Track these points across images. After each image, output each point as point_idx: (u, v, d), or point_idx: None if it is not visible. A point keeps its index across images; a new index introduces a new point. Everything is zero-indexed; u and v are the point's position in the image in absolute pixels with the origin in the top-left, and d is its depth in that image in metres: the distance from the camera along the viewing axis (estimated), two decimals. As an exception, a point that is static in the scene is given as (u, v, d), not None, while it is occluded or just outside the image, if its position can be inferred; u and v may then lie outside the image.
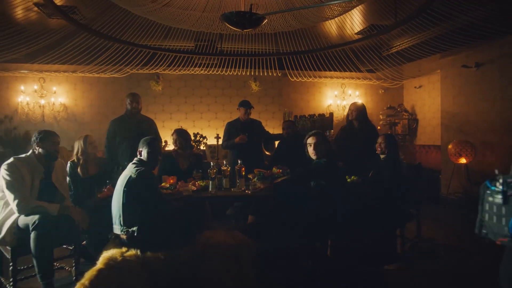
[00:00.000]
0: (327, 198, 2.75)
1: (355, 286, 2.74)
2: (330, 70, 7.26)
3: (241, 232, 2.73)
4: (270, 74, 6.93)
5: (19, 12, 4.58)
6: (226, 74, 6.87)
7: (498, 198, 1.33)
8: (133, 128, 4.06)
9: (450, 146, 5.57)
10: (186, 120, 7.14)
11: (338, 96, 8.07)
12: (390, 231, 3.39)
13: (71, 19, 3.93)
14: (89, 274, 2.25)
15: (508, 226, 1.29)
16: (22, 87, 6.64)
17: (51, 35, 4.61)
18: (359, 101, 6.92)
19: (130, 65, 6.04)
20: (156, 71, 6.54)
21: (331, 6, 4.07)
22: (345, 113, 4.53)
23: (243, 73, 6.92)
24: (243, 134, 4.10)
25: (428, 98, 7.65)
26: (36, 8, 4.45)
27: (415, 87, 7.96)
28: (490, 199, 1.36)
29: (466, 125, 5.77)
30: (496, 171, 1.42)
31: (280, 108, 7.60)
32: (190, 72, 6.82)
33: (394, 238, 3.33)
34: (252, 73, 7.02)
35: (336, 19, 4.89)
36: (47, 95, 6.78)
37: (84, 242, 3.41)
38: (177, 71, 6.56)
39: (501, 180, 1.36)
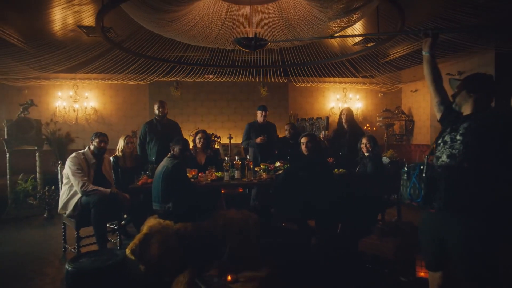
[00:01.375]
0: (313, 186, 3.53)
1: (334, 252, 3.53)
2: (332, 76, 8.01)
3: (248, 211, 3.54)
4: (276, 80, 7.72)
5: (58, 30, 5.43)
6: (238, 81, 7.69)
7: (404, 176, 2.10)
8: (160, 130, 4.90)
9: (434, 146, 6.26)
10: (202, 122, 7.98)
11: (340, 99, 8.80)
12: (372, 214, 4.15)
13: (109, 39, 4.76)
14: (138, 237, 3.09)
15: (407, 193, 2.05)
16: (59, 93, 7.58)
17: (91, 50, 5.48)
18: (348, 106, 7.65)
19: (154, 74, 6.91)
20: (175, 79, 7.40)
21: (330, 24, 4.83)
22: (341, 116, 5.28)
23: (253, 80, 7.72)
24: (263, 135, 4.90)
25: (423, 101, 8.33)
26: (77, 28, 5.33)
27: (411, 90, 8.64)
28: (402, 177, 2.12)
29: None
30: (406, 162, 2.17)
31: (287, 111, 8.39)
32: (205, 79, 7.66)
33: (375, 220, 4.08)
34: (261, 80, 7.82)
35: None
36: (80, 100, 7.71)
37: (123, 222, 4.28)
38: (194, 78, 7.41)
39: (406, 165, 2.13)
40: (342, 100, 8.80)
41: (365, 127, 8.38)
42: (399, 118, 8.76)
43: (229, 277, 2.98)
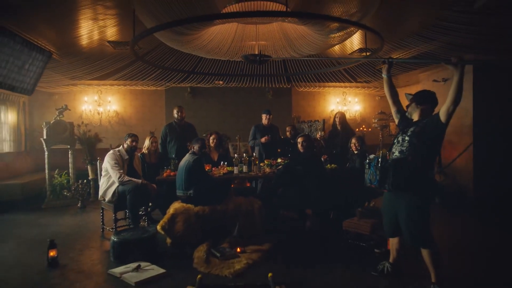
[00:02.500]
0: (308, 178, 4.29)
1: (324, 232, 4.29)
2: (332, 81, 8.73)
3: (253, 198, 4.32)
4: (281, 86, 8.49)
5: (87, 43, 6.21)
6: (245, 86, 8.47)
7: (366, 166, 2.85)
8: (179, 131, 5.70)
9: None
10: (213, 123, 8.75)
11: (340, 102, 9.53)
12: (359, 203, 4.89)
13: (140, 57, 5.54)
14: (165, 217, 3.90)
15: (367, 178, 2.81)
16: (86, 98, 8.46)
17: (118, 61, 6.31)
18: (341, 110, 8.41)
19: (170, 81, 7.73)
20: (189, 85, 8.22)
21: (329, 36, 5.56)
22: (335, 119, 6.04)
23: (259, 86, 8.50)
24: (267, 136, 5.68)
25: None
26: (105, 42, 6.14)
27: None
28: (365, 166, 2.87)
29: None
30: (369, 156, 2.92)
31: (290, 113, 9.14)
32: (216, 85, 8.45)
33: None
34: (266, 85, 8.60)
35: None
36: (103, 104, 8.58)
37: (149, 209, 5.08)
38: (206, 85, 8.22)
39: (368, 158, 2.88)
40: (342, 103, 9.52)
41: (362, 128, 9.08)
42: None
43: (238, 249, 3.78)
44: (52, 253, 3.54)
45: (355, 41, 6.11)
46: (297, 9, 4.85)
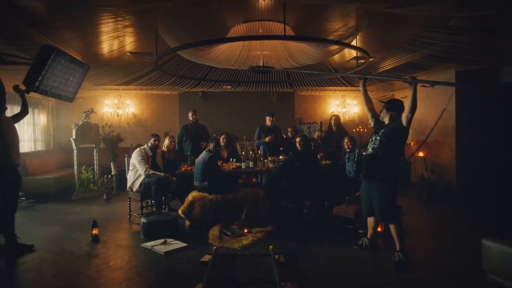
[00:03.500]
0: (305, 172, 5.06)
1: (318, 217, 5.05)
2: (332, 86, 9.48)
3: (258, 189, 5.10)
4: (284, 90, 9.26)
5: (106, 52, 7.01)
6: (251, 91, 9.25)
7: (347, 160, 3.61)
8: (193, 132, 6.50)
9: (412, 144, 7.71)
10: (222, 124, 9.53)
11: (339, 105, 10.26)
12: (348, 194, 5.63)
13: (160, 67, 6.36)
14: (185, 203, 4.69)
15: (347, 170, 3.56)
16: (106, 101, 9.31)
17: (139, 70, 7.13)
18: (338, 113, 9.13)
19: (184, 87, 8.55)
20: (201, 90, 9.02)
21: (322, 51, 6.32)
22: (331, 121, 6.81)
23: (264, 90, 9.28)
24: (270, 135, 6.45)
25: (411, 107, 9.71)
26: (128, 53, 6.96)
27: (401, 97, 10.02)
28: (346, 160, 3.63)
29: (425, 129, 7.89)
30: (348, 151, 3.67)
31: (293, 115, 9.90)
32: (224, 90, 9.24)
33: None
34: (271, 90, 9.37)
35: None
36: (122, 106, 9.43)
37: (168, 199, 5.88)
38: (215, 89, 9.01)
39: (347, 154, 3.64)
40: (341, 105, 10.26)
41: (359, 128, 9.80)
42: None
43: (245, 230, 4.56)
44: (94, 231, 4.36)
45: (352, 50, 6.87)
46: (296, 26, 5.63)
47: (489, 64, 6.59)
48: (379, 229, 4.39)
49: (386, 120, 3.67)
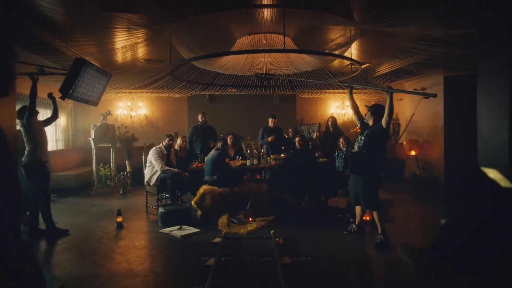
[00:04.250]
0: (303, 168, 5.68)
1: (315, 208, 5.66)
2: (332, 89, 10.08)
3: (262, 183, 5.73)
4: (286, 93, 9.88)
5: (125, 61, 7.67)
6: (256, 94, 9.88)
7: (336, 157, 4.23)
8: (202, 132, 7.14)
9: (404, 143, 8.30)
10: (228, 125, 10.16)
11: (339, 106, 10.85)
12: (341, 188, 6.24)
13: (175, 75, 6.99)
14: (197, 195, 5.33)
15: (337, 165, 4.18)
16: (120, 104, 9.99)
17: (153, 76, 7.79)
18: (335, 114, 9.74)
19: (193, 90, 9.20)
20: (208, 93, 9.67)
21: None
22: (328, 123, 7.45)
23: (267, 93, 9.90)
24: (273, 136, 7.07)
25: (407, 108, 10.25)
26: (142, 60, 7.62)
27: (397, 99, 10.60)
28: (336, 157, 4.24)
29: (417, 129, 8.47)
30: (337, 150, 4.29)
31: (295, 116, 10.51)
32: (230, 93, 9.88)
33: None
34: (274, 92, 9.99)
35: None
36: (135, 108, 10.09)
37: (180, 193, 6.53)
38: (222, 92, 9.66)
39: (336, 152, 4.26)
40: (340, 107, 10.85)
41: (357, 128, 10.38)
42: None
43: (250, 219, 5.19)
44: (119, 219, 5.02)
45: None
46: (296, 37, 6.23)
47: (474, 71, 7.18)
48: (367, 218, 5.00)
49: (371, 122, 4.28)
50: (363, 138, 4.17)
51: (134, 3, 4.07)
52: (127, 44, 5.79)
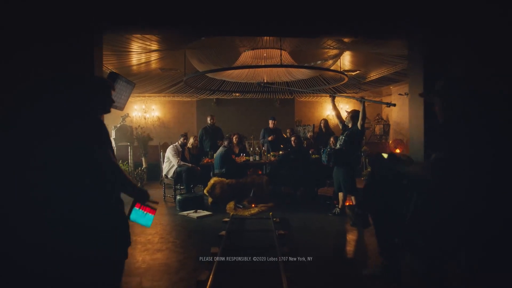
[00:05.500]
0: (298, 164, 6.71)
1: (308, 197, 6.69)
2: (327, 93, 11.08)
3: (263, 175, 6.78)
4: (285, 97, 10.92)
5: (135, 67, 8.71)
6: (258, 98, 10.93)
7: (321, 151, 5.25)
8: (211, 132, 8.20)
9: (390, 142, 9.33)
10: (233, 126, 11.16)
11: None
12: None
13: (189, 84, 8.04)
14: (208, 186, 6.39)
15: (322, 159, 5.20)
16: (135, 106, 11.05)
17: (169, 82, 8.84)
18: (331, 116, 10.74)
19: (202, 95, 10.26)
20: (215, 97, 10.72)
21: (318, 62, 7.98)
22: (321, 124, 8.48)
23: (268, 97, 10.95)
24: (272, 135, 8.11)
25: (396, 111, 11.28)
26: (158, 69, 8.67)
27: (386, 106, 11.61)
28: (322, 153, 5.26)
29: (402, 130, 9.49)
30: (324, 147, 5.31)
31: (293, 118, 11.53)
32: (234, 97, 10.93)
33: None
34: (274, 97, 11.03)
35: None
36: (148, 111, 11.15)
37: (192, 186, 7.57)
38: (227, 96, 10.71)
39: (322, 148, 5.29)
40: (335, 109, 11.86)
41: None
42: (379, 122, 11.76)
43: (253, 205, 6.23)
44: (144, 204, 6.07)
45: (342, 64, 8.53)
46: (293, 49, 7.25)
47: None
48: (349, 203, 6.02)
49: (350, 125, 5.31)
50: (343, 137, 5.20)
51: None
52: (148, 58, 6.86)
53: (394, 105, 5.05)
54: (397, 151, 9.20)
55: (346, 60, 8.35)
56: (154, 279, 3.29)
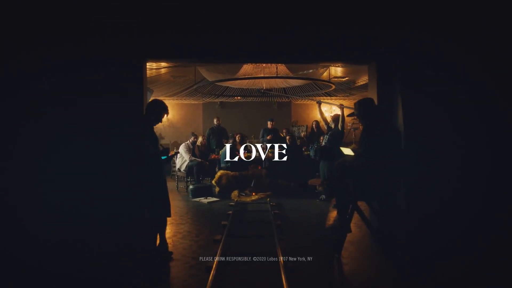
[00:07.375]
0: (293, 159, 7.89)
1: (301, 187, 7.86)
2: (321, 96, 12.25)
3: (262, 168, 7.97)
4: (283, 100, 12.10)
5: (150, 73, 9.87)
6: (258, 101, 12.10)
7: (310, 148, 6.41)
8: (217, 132, 9.38)
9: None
10: (235, 126, 12.31)
11: (327, 110, 12.96)
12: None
13: (199, 92, 9.21)
14: (216, 177, 7.57)
15: (310, 154, 6.36)
16: (147, 109, 12.20)
17: (179, 88, 10.01)
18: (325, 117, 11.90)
19: (208, 98, 11.43)
20: (220, 100, 11.90)
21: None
22: (312, 125, 9.64)
23: (267, 100, 12.12)
24: (271, 135, 9.27)
25: (382, 112, 12.45)
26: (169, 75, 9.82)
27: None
28: (309, 149, 6.42)
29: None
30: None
31: (290, 119, 12.70)
32: (236, 100, 12.10)
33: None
34: (272, 100, 12.20)
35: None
36: (158, 112, 12.30)
37: (200, 178, 8.75)
38: (229, 99, 11.88)
39: (310, 145, 6.46)
40: (329, 111, 12.97)
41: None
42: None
43: (253, 193, 7.42)
44: (163, 192, 7.26)
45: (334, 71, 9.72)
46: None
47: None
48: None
49: (333, 126, 6.47)
50: (328, 137, 6.37)
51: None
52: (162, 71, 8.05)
53: (320, 102, 6.38)
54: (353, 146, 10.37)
55: (338, 68, 9.54)
56: (182, 240, 4.47)
